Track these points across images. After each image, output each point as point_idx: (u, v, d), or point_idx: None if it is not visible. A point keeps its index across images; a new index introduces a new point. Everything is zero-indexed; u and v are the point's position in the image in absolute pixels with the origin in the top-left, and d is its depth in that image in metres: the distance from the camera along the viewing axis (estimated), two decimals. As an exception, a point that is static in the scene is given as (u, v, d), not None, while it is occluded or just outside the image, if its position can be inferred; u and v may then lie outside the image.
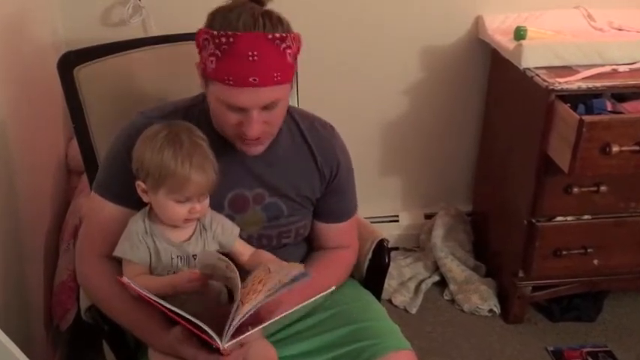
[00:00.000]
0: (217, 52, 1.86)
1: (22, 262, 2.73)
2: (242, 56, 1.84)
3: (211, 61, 1.89)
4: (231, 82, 1.87)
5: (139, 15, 3.41)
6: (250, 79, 1.86)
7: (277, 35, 1.87)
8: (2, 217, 2.53)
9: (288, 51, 1.91)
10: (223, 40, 1.85)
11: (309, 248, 2.40)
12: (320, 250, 2.36)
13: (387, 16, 3.63)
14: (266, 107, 1.94)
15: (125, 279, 1.85)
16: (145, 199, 2.00)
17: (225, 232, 2.09)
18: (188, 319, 1.76)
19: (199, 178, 1.92)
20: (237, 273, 1.81)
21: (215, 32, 1.87)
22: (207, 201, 2.01)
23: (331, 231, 2.34)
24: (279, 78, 1.90)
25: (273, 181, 2.18)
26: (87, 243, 2.19)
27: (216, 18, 1.90)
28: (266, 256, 2.12)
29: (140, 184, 1.98)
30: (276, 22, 1.90)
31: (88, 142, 2.51)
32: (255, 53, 1.84)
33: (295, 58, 1.98)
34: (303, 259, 2.33)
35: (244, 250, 2.14)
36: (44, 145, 3.11)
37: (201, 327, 1.74)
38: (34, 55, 3.01)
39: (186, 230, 2.04)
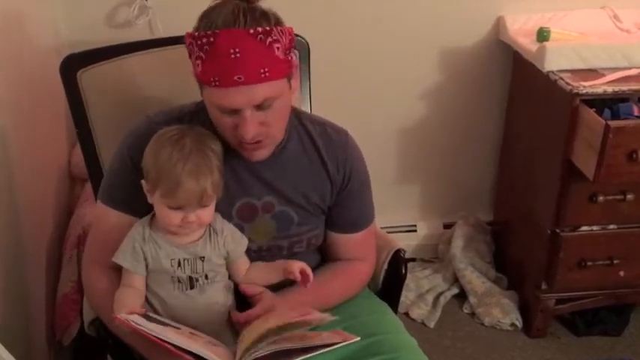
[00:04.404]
0: (201, 54, 1.88)
1: (24, 273, 2.74)
2: (223, 55, 1.85)
3: (198, 65, 1.91)
4: (217, 83, 1.87)
5: (145, 15, 3.41)
6: (235, 78, 1.85)
7: (260, 30, 1.86)
8: (3, 226, 2.54)
9: (277, 45, 1.90)
10: (204, 40, 1.86)
11: (322, 258, 2.39)
12: (334, 261, 2.36)
13: (403, 16, 3.63)
14: (260, 107, 1.93)
15: (122, 316, 1.86)
16: (149, 199, 2.01)
17: (235, 240, 2.10)
18: (196, 354, 1.79)
19: (190, 185, 1.91)
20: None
21: (196, 34, 1.88)
22: (205, 213, 2.00)
23: (345, 242, 2.33)
24: (267, 74, 1.88)
25: (282, 189, 2.18)
26: (92, 253, 2.22)
27: (202, 20, 1.92)
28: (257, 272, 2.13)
29: (143, 183, 2.00)
30: (259, 16, 1.89)
31: (92, 148, 2.52)
32: (237, 50, 1.84)
33: (288, 53, 1.96)
34: (315, 268, 2.30)
35: (244, 268, 2.14)
36: (46, 152, 3.12)
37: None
38: (36, 58, 3.02)
39: (195, 233, 2.05)
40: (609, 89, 3.01)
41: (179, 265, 2.02)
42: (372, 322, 2.27)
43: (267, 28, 1.88)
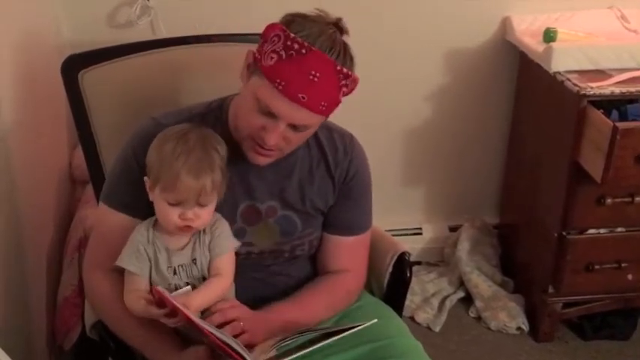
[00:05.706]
0: (283, 52, 1.89)
1: (24, 277, 2.74)
2: (305, 71, 1.88)
3: (271, 58, 1.90)
4: (280, 88, 1.89)
5: (147, 16, 3.41)
6: (300, 96, 1.89)
7: (344, 70, 1.93)
8: (3, 229, 2.54)
9: (344, 89, 1.97)
10: (296, 46, 1.88)
11: (314, 267, 2.39)
12: (321, 275, 2.35)
13: (408, 17, 3.63)
14: (294, 127, 1.97)
15: (160, 288, 1.89)
16: (150, 197, 2.01)
17: (222, 236, 2.06)
18: (221, 339, 1.80)
19: (189, 180, 1.91)
20: None
21: (292, 35, 1.89)
22: (204, 213, 1.99)
23: (336, 246, 2.32)
24: (324, 108, 1.95)
25: (286, 194, 2.19)
26: (93, 255, 2.21)
27: (296, 22, 1.93)
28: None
29: (146, 180, 2.00)
30: (348, 57, 1.97)
31: (94, 150, 2.52)
32: (318, 75, 1.88)
33: (343, 97, 2.01)
34: (304, 280, 2.32)
35: (222, 270, 2.07)
36: (47, 154, 3.12)
37: (232, 347, 1.80)
38: (37, 58, 3.02)
39: (186, 236, 2.04)
40: (617, 90, 3.00)
41: (175, 273, 2.02)
42: (376, 326, 2.25)
43: (349, 73, 1.95)
